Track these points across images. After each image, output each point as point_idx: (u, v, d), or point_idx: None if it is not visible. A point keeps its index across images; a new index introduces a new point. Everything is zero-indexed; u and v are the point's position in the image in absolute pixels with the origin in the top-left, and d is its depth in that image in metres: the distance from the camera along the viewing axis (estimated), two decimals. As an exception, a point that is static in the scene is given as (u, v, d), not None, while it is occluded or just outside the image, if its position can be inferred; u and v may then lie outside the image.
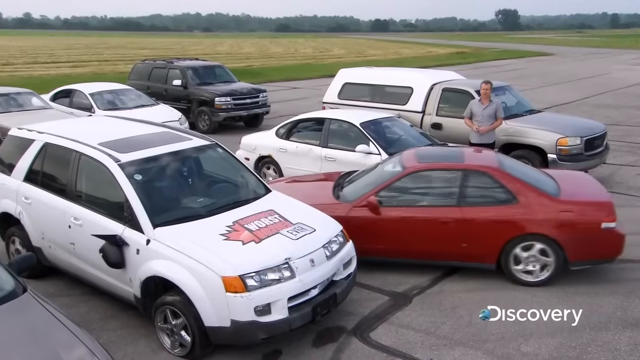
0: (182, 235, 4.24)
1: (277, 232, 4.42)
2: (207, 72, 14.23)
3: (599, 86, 22.34)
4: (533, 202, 5.22)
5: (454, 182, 5.45)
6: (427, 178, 5.65)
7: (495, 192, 5.36)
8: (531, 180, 5.49)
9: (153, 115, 10.29)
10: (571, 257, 5.20)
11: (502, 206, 5.27)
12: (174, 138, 5.29)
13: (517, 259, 5.29)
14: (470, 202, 5.36)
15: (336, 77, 10.99)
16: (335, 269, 4.53)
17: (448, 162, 5.74)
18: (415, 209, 5.47)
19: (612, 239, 5.16)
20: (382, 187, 5.61)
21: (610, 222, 5.12)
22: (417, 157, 5.92)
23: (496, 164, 5.57)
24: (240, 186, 5.34)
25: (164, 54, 38.31)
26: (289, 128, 8.44)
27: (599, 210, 5.20)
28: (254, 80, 20.36)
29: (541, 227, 5.16)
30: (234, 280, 3.92)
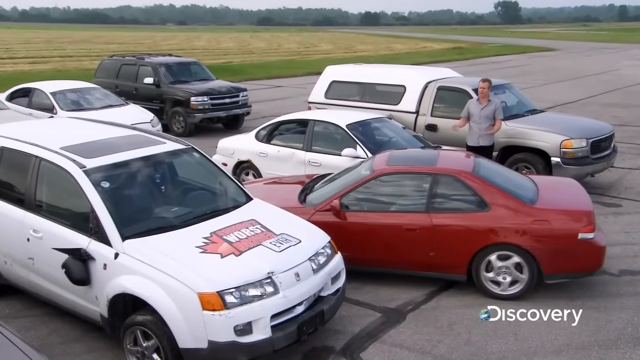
0: (154, 248, 4.23)
1: (259, 243, 4.42)
2: (181, 70, 14.20)
3: (606, 84, 22.72)
4: (506, 209, 5.26)
5: (423, 187, 5.52)
6: (395, 182, 5.71)
7: (466, 198, 5.41)
8: (506, 187, 5.53)
9: (122, 116, 10.25)
10: (546, 269, 5.23)
11: (472, 213, 5.32)
12: (145, 142, 5.27)
13: (488, 269, 5.36)
14: (440, 208, 5.42)
15: (323, 74, 11.05)
16: (322, 284, 4.54)
17: (418, 166, 5.80)
18: (381, 215, 5.55)
19: (590, 251, 5.17)
20: (347, 190, 5.70)
21: (588, 233, 5.12)
22: (388, 160, 5.99)
23: (469, 169, 5.61)
24: (219, 194, 5.33)
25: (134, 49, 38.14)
26: (270, 130, 8.45)
27: (575, 219, 5.20)
28: (233, 78, 20.35)
29: (514, 236, 5.20)
30: (212, 297, 3.92)
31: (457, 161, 5.96)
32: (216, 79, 14.65)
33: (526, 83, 21.26)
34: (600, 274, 5.95)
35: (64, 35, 66.24)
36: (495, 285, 5.39)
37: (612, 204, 8.32)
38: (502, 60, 36.77)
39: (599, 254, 5.25)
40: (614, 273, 6.01)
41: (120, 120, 7.05)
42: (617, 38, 64.15)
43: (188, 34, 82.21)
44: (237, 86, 14.51)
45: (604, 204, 8.31)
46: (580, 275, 5.44)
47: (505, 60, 36.78)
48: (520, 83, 18.03)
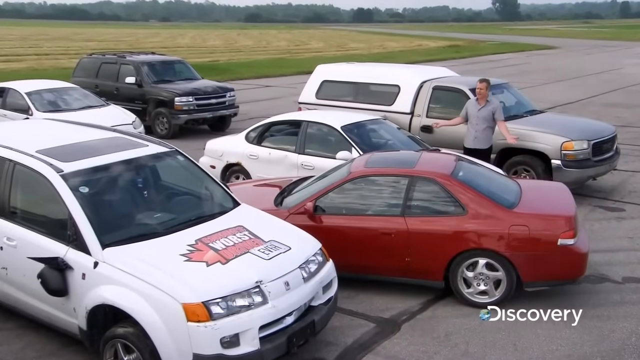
0: (136, 256, 4.21)
1: (247, 251, 4.41)
2: (165, 68, 14.19)
3: (608, 83, 22.95)
4: (483, 214, 5.29)
5: (400, 190, 5.56)
6: (371, 184, 5.77)
7: (443, 201, 5.46)
8: (486, 190, 5.56)
9: (102, 117, 10.21)
10: (524, 276, 5.26)
11: (449, 217, 5.37)
12: (126, 144, 5.25)
13: (465, 276, 5.41)
14: (416, 212, 5.47)
15: (313, 74, 11.07)
16: (313, 293, 4.54)
17: (395, 168, 5.85)
18: (356, 218, 5.59)
19: (571, 258, 5.19)
20: (322, 193, 5.77)
21: (568, 239, 5.14)
22: (367, 162, 6.06)
23: (448, 171, 5.65)
24: (204, 199, 5.32)
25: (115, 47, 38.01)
26: (261, 132, 8.46)
27: (555, 225, 5.20)
28: (219, 78, 20.34)
29: (491, 242, 5.24)
30: (197, 308, 3.90)
31: (437, 163, 5.98)
32: (202, 79, 14.65)
33: (525, 82, 21.42)
34: (603, 281, 6.01)
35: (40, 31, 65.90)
36: (472, 292, 5.44)
37: (615, 208, 8.39)
38: (500, 58, 37.04)
39: (580, 260, 5.26)
40: (618, 280, 6.06)
41: (100, 122, 7.04)
42: (619, 35, 64.84)
43: (172, 31, 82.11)
44: (223, 86, 14.51)
45: (607, 208, 8.39)
46: (561, 283, 5.48)
47: (503, 58, 37.05)
48: (518, 82, 18.18)
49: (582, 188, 8.85)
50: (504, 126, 8.05)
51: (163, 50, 28.44)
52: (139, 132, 10.33)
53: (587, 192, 8.93)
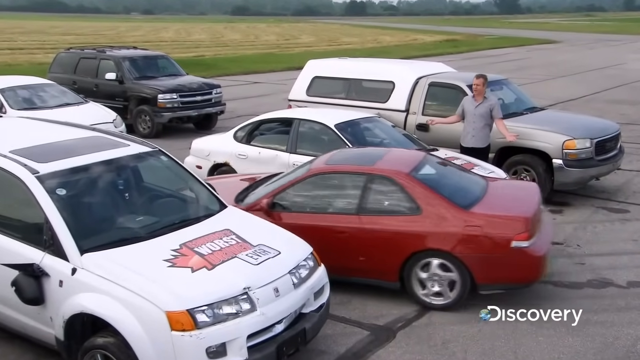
0: (116, 262, 4.19)
1: (234, 256, 4.41)
2: (147, 64, 14.13)
3: (612, 79, 23.13)
4: (438, 213, 5.38)
5: (357, 188, 5.70)
6: (330, 182, 5.91)
7: (398, 200, 5.57)
8: (445, 190, 5.66)
9: (81, 116, 10.14)
10: (478, 278, 5.34)
11: (404, 217, 5.47)
12: (106, 144, 5.23)
13: (420, 278, 5.51)
14: (371, 210, 5.58)
15: (304, 69, 11.08)
16: (304, 300, 4.54)
17: (352, 165, 5.98)
18: (313, 216, 5.70)
19: (525, 261, 5.24)
20: (280, 189, 5.92)
21: (522, 241, 5.18)
22: (328, 159, 6.22)
23: (407, 169, 5.73)
24: (189, 201, 5.31)
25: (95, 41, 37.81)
26: (250, 130, 8.46)
27: (509, 226, 5.25)
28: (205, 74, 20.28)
29: (444, 242, 5.33)
30: (181, 316, 3.89)
31: (398, 161, 6.04)
32: (186, 75, 14.61)
33: (525, 78, 21.56)
34: (606, 286, 6.06)
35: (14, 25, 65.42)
36: (427, 293, 5.54)
37: (619, 209, 8.46)
38: (499, 53, 37.23)
39: (535, 264, 5.30)
40: (622, 285, 6.11)
41: (79, 120, 6.99)
42: (623, 29, 65.34)
43: (155, 24, 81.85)
44: (209, 82, 14.47)
45: (610, 209, 8.45)
46: (516, 286, 5.56)
47: (502, 53, 37.25)
48: (518, 78, 18.28)
49: (585, 188, 8.92)
50: (502, 124, 8.09)
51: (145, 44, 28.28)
52: (120, 131, 10.27)
53: (589, 192, 9.00)
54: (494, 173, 7.41)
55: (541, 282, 5.94)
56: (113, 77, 13.35)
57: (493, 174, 7.36)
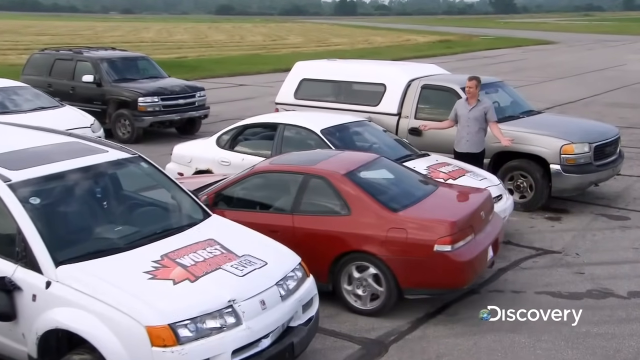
0: (94, 274, 4.17)
1: (219, 267, 4.40)
2: (127, 66, 14.09)
3: (611, 81, 23.36)
4: (366, 215, 5.59)
5: (293, 188, 6.01)
6: (269, 181, 6.31)
7: (330, 201, 5.83)
8: (381, 192, 5.91)
9: (56, 120, 10.05)
10: (402, 282, 5.49)
11: (333, 217, 5.73)
12: (83, 150, 5.21)
13: (349, 279, 5.66)
14: (304, 210, 5.86)
15: (292, 71, 11.10)
16: (292, 312, 4.54)
17: (291, 165, 6.30)
18: (250, 214, 5.94)
19: (448, 266, 5.36)
20: (223, 187, 6.25)
21: (444, 245, 5.31)
22: (273, 159, 6.67)
23: (343, 170, 5.94)
24: (171, 210, 5.31)
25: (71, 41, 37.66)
26: (234, 135, 8.46)
27: (432, 229, 5.40)
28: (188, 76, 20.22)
29: (369, 245, 5.50)
30: (163, 331, 3.87)
31: (340, 162, 6.25)
32: (168, 77, 14.58)
33: (521, 80, 21.73)
34: (607, 296, 6.10)
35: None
36: (355, 298, 5.67)
37: (619, 216, 8.53)
38: (494, 54, 37.50)
39: (459, 269, 5.40)
40: (623, 295, 6.15)
41: (54, 125, 6.95)
42: (622, 29, 66.09)
43: (135, 24, 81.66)
44: (192, 85, 14.44)
45: (610, 216, 8.52)
46: (442, 292, 5.69)
47: (498, 54, 37.52)
48: (514, 80, 18.44)
49: (584, 195, 8.99)
50: (497, 128, 8.14)
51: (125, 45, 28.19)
52: (98, 136, 10.21)
53: (588, 199, 9.07)
54: (487, 180, 7.46)
55: (538, 293, 5.99)
56: (90, 80, 13.28)
57: (485, 180, 7.41)
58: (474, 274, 5.63)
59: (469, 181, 7.23)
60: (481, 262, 5.68)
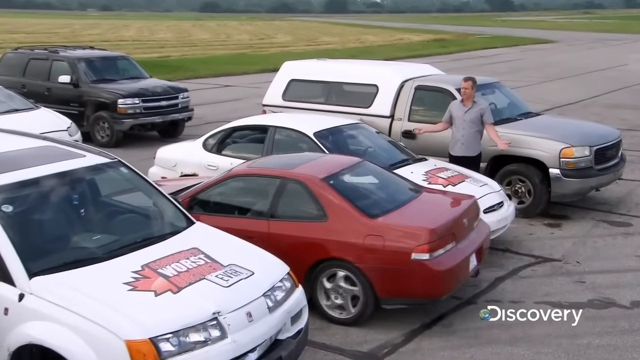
0: (70, 286, 4.14)
1: (203, 277, 4.39)
2: (106, 66, 14.07)
3: (612, 81, 23.56)
4: (343, 221, 5.63)
5: (269, 192, 6.07)
6: (246, 185, 6.38)
7: (307, 206, 5.88)
8: (359, 197, 5.96)
9: (30, 123, 10.02)
10: (379, 291, 5.52)
11: (310, 223, 5.77)
12: (59, 155, 5.18)
13: (325, 288, 5.70)
14: (281, 215, 5.92)
15: (280, 72, 11.11)
16: (280, 325, 4.53)
17: (269, 169, 6.37)
18: (227, 219, 5.94)
19: (425, 275, 5.39)
20: (200, 190, 6.31)
21: (422, 254, 5.35)
22: (254, 162, 6.76)
23: (322, 175, 5.98)
24: (153, 217, 5.29)
25: (47, 40, 37.49)
26: (221, 138, 8.46)
27: (410, 237, 5.43)
28: (171, 76, 20.23)
29: (346, 252, 5.53)
30: (143, 345, 3.85)
31: (320, 166, 6.31)
32: (150, 77, 14.56)
33: (519, 81, 21.86)
34: (609, 306, 6.13)
35: (-43, 22, 64.65)
36: (330, 305, 5.71)
37: (621, 222, 8.58)
38: (491, 54, 37.74)
39: (437, 278, 5.44)
40: (625, 305, 6.18)
41: (28, 129, 6.90)
42: (623, 27, 66.78)
43: (114, 21, 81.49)
44: (175, 86, 14.42)
45: (612, 223, 8.57)
46: (420, 302, 5.72)
47: (494, 54, 37.76)
48: (512, 81, 18.55)
49: (584, 200, 9.04)
50: (494, 130, 8.17)
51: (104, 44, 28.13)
52: (75, 139, 10.19)
53: (589, 204, 9.13)
54: (487, 186, 7.49)
55: (538, 303, 6.01)
56: (67, 80, 13.22)
57: (486, 186, 7.44)
58: (454, 284, 5.67)
59: (469, 187, 7.26)
60: (462, 271, 5.70)
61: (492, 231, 7.09)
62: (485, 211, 7.04)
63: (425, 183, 7.17)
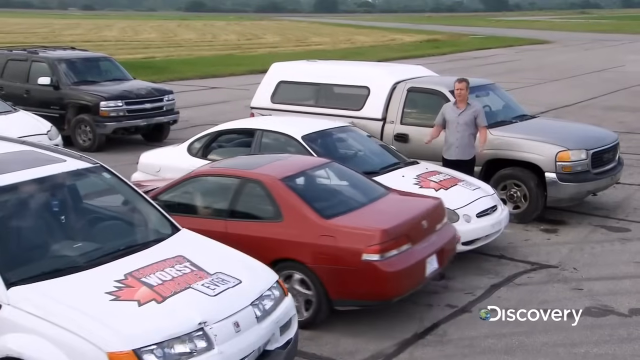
0: (49, 296, 4.12)
1: (188, 286, 4.39)
2: (88, 67, 14.05)
3: (610, 82, 23.74)
4: (297, 221, 5.79)
5: (229, 192, 6.25)
6: (207, 185, 6.56)
7: (265, 206, 6.05)
8: (317, 197, 6.13)
9: (8, 126, 9.96)
10: (331, 292, 5.62)
11: (266, 223, 5.96)
12: (39, 159, 5.17)
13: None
14: (239, 215, 6.10)
15: (268, 73, 11.12)
16: (269, 335, 4.53)
17: (229, 169, 6.57)
18: (183, 219, 5.90)
19: (375, 276, 5.49)
20: (162, 190, 6.49)
21: (372, 254, 5.45)
22: (216, 162, 6.94)
23: (282, 175, 6.13)
24: (137, 224, 5.29)
25: (25, 40, 37.34)
26: (207, 142, 8.46)
27: (362, 238, 5.54)
28: (156, 78, 20.24)
29: (299, 252, 5.64)
30: (126, 357, 3.84)
31: (282, 167, 6.46)
32: (133, 79, 14.54)
33: (514, 83, 21.96)
34: (606, 314, 6.16)
35: None
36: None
37: (619, 228, 8.63)
38: (485, 55, 37.94)
39: (386, 280, 5.52)
40: (623, 313, 6.21)
41: (6, 132, 6.90)
42: (621, 28, 67.27)
43: (96, 21, 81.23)
44: (160, 88, 14.42)
45: (609, 228, 8.62)
46: (371, 304, 5.79)
47: (489, 55, 37.96)
48: (507, 83, 18.62)
49: (581, 205, 9.09)
50: (484, 133, 8.21)
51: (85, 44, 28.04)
52: (55, 144, 10.13)
53: (586, 209, 9.17)
54: (481, 189, 7.53)
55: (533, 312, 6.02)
56: (47, 82, 13.18)
57: (479, 190, 7.48)
58: (408, 286, 5.74)
59: (462, 191, 7.31)
60: (417, 273, 5.78)
61: (486, 236, 7.16)
62: (478, 215, 7.10)
63: (417, 187, 7.21)
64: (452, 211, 6.87)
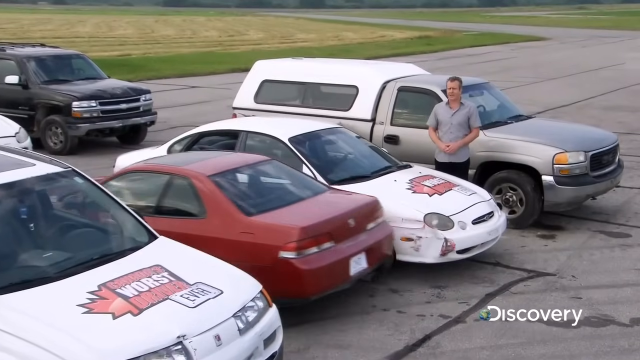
0: (17, 309, 4.09)
1: (166, 297, 4.37)
2: (59, 65, 14.01)
3: (609, 81, 23.95)
4: (219, 217, 6.05)
5: (158, 188, 6.55)
6: (139, 181, 6.83)
7: (190, 202, 6.34)
8: (242, 195, 6.37)
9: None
10: None
11: (190, 220, 6.23)
12: (5, 163, 5.13)
13: None
14: (165, 211, 6.38)
15: (251, 72, 11.11)
16: (252, 348, 4.51)
17: (160, 165, 6.85)
18: None
19: (291, 274, 5.69)
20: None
21: (289, 252, 5.67)
22: (152, 159, 7.19)
23: (210, 172, 6.36)
24: (111, 232, 5.27)
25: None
26: (188, 144, 8.45)
27: (280, 235, 5.77)
28: (132, 77, 20.17)
29: (220, 249, 5.67)
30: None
31: (212, 164, 6.68)
32: (108, 78, 14.51)
33: (510, 81, 22.10)
34: (607, 323, 6.20)
35: None
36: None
37: (619, 233, 8.69)
38: (479, 52, 38.15)
39: (302, 278, 5.73)
40: (624, 322, 6.24)
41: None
42: (620, 24, 67.91)
43: (68, 16, 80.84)
44: (136, 87, 14.38)
45: (609, 233, 8.67)
46: (291, 302, 5.83)
47: (483, 52, 38.18)
48: (502, 82, 18.77)
49: (580, 210, 9.15)
50: (474, 135, 8.24)
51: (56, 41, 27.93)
52: (24, 147, 10.07)
53: (585, 214, 9.23)
54: (477, 195, 7.54)
55: (530, 322, 6.06)
56: (15, 81, 13.12)
57: (475, 195, 7.50)
58: (327, 284, 5.91)
59: (457, 196, 7.32)
60: (338, 272, 5.95)
61: (482, 244, 7.17)
62: (473, 222, 7.10)
63: (410, 192, 7.23)
64: (446, 218, 6.90)
